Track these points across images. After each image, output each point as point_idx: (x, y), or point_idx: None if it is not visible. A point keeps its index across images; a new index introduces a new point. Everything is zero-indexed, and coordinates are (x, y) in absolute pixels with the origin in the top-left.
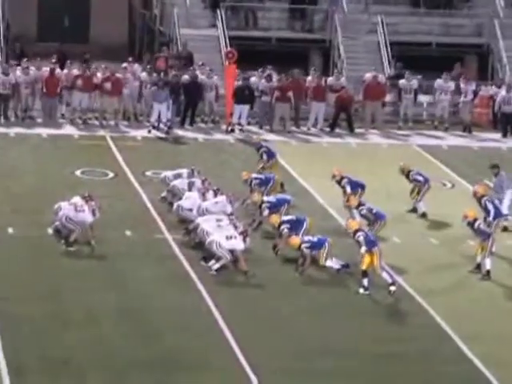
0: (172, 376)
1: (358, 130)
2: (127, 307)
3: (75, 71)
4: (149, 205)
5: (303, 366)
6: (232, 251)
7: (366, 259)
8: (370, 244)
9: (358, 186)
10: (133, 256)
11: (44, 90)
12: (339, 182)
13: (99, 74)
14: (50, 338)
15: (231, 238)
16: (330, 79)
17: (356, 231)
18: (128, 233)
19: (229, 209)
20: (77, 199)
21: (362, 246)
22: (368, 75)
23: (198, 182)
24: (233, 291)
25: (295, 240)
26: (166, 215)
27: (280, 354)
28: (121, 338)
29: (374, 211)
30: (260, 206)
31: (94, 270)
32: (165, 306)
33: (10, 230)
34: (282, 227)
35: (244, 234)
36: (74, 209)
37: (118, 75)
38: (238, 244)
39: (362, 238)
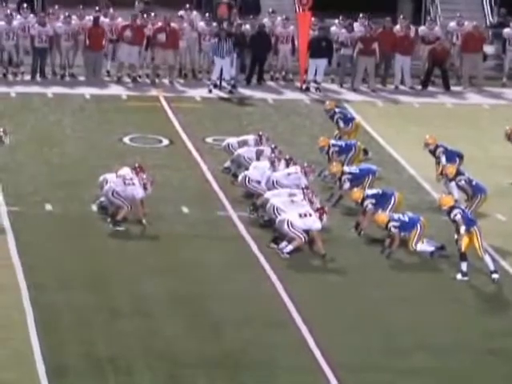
0: (235, 376)
1: (454, 88)
2: (184, 296)
3: (121, 20)
4: (209, 177)
5: (393, 365)
6: (307, 231)
7: (465, 240)
8: (469, 223)
9: (455, 156)
10: (191, 236)
11: (87, 43)
12: (433, 152)
13: (150, 25)
14: (95, 333)
15: (306, 215)
16: (422, 29)
17: (451, 208)
18: (185, 209)
19: (303, 181)
20: (126, 171)
21: (460, 226)
22: (467, 23)
23: (267, 150)
24: (308, 278)
25: (382, 217)
26: (229, 189)
27: (365, 350)
28: (176, 332)
29: (474, 183)
30: (340, 179)
31: (146, 253)
32: (228, 294)
33: (49, 207)
34: (366, 203)
35: (321, 211)
36: (123, 182)
37: (174, 25)
38: (314, 223)
39: (459, 217)
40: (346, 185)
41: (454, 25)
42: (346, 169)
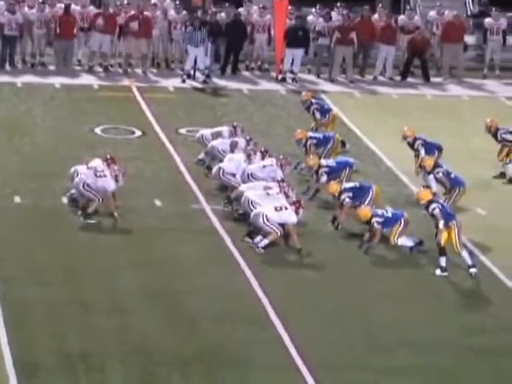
0: (211, 372)
1: (434, 79)
2: (158, 291)
3: (92, 8)
4: (183, 169)
5: (373, 362)
6: (282, 225)
7: (444, 235)
8: (448, 217)
9: (434, 148)
10: (164, 230)
11: (57, 31)
12: (412, 144)
13: (123, 13)
14: (66, 328)
15: (281, 209)
16: (402, 18)
17: (429, 202)
18: (158, 202)
19: (279, 174)
20: (97, 162)
21: (438, 220)
22: (447, 12)
23: (241, 141)
24: (284, 273)
25: (366, 212)
26: (203, 181)
27: (344, 347)
28: (150, 328)
29: (453, 175)
30: (317, 172)
31: (118, 247)
32: (202, 289)
33: (17, 199)
34: (343, 196)
35: (297, 205)
36: (94, 174)
37: (147, 13)
38: (290, 216)
39: (437, 211)
40: (323, 178)
41: (433, 14)
42: (323, 162)
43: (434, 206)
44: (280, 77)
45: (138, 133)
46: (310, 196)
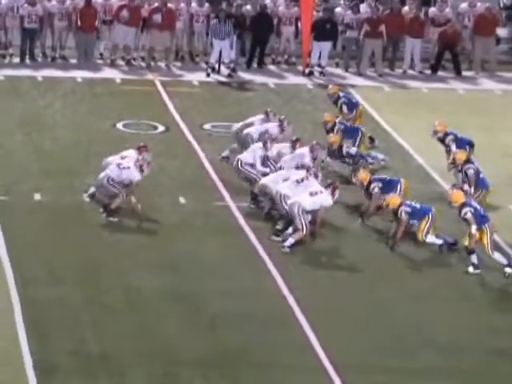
0: (234, 376)
1: (465, 73)
2: (180, 291)
3: (115, 0)
4: (207, 165)
5: (400, 365)
6: (314, 215)
7: (475, 239)
8: (481, 220)
9: (465, 144)
10: (187, 228)
11: (78, 24)
12: (442, 140)
13: (146, 5)
14: (86, 330)
15: (317, 193)
16: (432, 10)
17: (462, 205)
18: (182, 200)
19: (308, 160)
20: (129, 152)
21: (471, 225)
22: (479, 4)
23: (272, 128)
24: (310, 273)
25: (395, 199)
26: (228, 178)
27: (371, 350)
28: (172, 329)
29: (481, 176)
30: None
31: (140, 246)
32: (226, 290)
33: (37, 196)
34: (373, 185)
35: (333, 187)
36: (117, 167)
37: (170, 5)
38: (326, 199)
39: (470, 215)
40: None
41: (465, 6)
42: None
43: (466, 209)
44: (307, 71)
45: (161, 128)
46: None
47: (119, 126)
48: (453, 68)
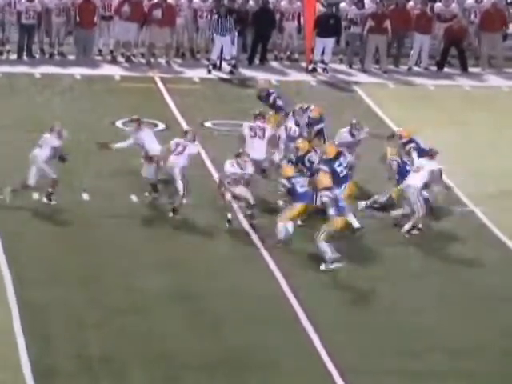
0: (237, 378)
1: (472, 69)
2: (182, 293)
3: None
4: (208, 163)
5: (408, 367)
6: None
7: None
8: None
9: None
10: (190, 228)
11: (77, 20)
12: (404, 145)
13: (146, 0)
14: (87, 331)
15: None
16: (438, 5)
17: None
18: (184, 200)
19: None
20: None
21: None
22: (485, 0)
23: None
24: (315, 274)
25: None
26: None
27: (377, 352)
28: (174, 331)
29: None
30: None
31: (142, 246)
32: (229, 290)
33: (36, 196)
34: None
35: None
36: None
37: (170, 1)
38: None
39: (326, 199)
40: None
41: (471, 2)
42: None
43: (325, 193)
44: (310, 67)
45: (162, 126)
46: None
47: (119, 123)
48: (459, 64)
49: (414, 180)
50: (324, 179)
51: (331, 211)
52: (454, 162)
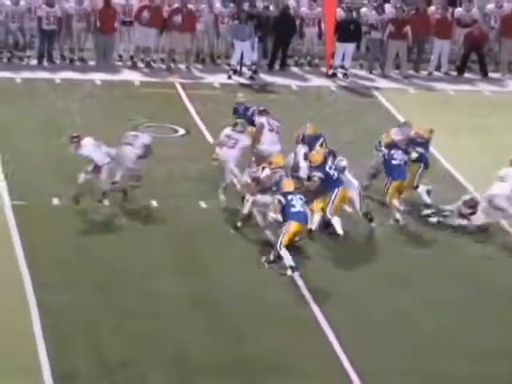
0: (253, 381)
1: (492, 75)
2: (199, 297)
3: (134, 0)
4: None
5: (421, 369)
6: None
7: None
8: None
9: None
10: (208, 233)
11: (97, 25)
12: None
13: (167, 6)
14: (105, 336)
15: None
16: (459, 10)
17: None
18: (203, 204)
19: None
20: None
21: None
22: (506, 5)
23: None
24: (332, 276)
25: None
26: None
27: (392, 354)
28: (191, 336)
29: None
30: None
31: (160, 251)
32: (248, 295)
33: (56, 201)
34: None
35: None
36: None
37: (191, 6)
38: None
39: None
40: None
41: (492, 7)
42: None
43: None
44: (330, 72)
45: (182, 131)
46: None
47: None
48: (479, 69)
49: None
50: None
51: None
52: (473, 167)
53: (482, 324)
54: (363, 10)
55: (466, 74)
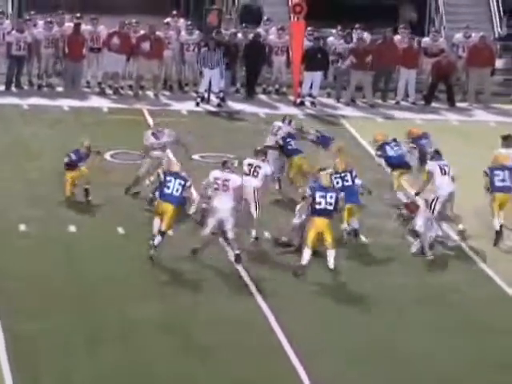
0: None
1: (459, 104)
2: (169, 322)
3: (102, 27)
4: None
5: None
6: None
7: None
8: None
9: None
10: (179, 259)
11: (66, 52)
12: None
13: (133, 32)
14: (75, 363)
15: None
16: (425, 40)
17: None
18: (170, 231)
19: None
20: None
21: None
22: (474, 35)
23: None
24: (303, 305)
25: None
26: None
27: (362, 380)
28: (162, 360)
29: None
30: None
31: (128, 276)
32: (214, 318)
33: (23, 227)
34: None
35: None
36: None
37: (159, 33)
38: None
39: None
40: None
41: (460, 36)
42: None
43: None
44: (298, 101)
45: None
46: None
47: (106, 156)
48: (446, 99)
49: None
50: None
51: None
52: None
53: (456, 349)
54: (330, 39)
55: (434, 104)
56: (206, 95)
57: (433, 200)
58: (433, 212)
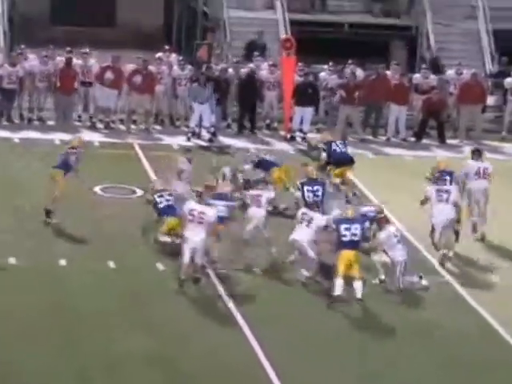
0: None
1: (450, 141)
2: (156, 354)
3: (94, 62)
4: None
5: None
6: None
7: None
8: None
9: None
10: (163, 291)
11: (58, 85)
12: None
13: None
14: None
15: None
16: (416, 77)
17: None
18: (160, 266)
19: None
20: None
21: None
22: (466, 72)
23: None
24: (287, 336)
25: None
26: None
27: None
28: None
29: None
30: None
31: (118, 309)
32: (202, 349)
33: (13, 260)
34: None
35: None
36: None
37: (151, 68)
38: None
39: None
40: None
41: (451, 73)
42: None
43: None
44: (289, 136)
45: (139, 192)
46: None
47: (97, 189)
48: (437, 136)
49: None
50: None
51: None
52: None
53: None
54: (322, 74)
55: (424, 141)
56: (196, 130)
57: (432, 227)
58: (432, 241)
